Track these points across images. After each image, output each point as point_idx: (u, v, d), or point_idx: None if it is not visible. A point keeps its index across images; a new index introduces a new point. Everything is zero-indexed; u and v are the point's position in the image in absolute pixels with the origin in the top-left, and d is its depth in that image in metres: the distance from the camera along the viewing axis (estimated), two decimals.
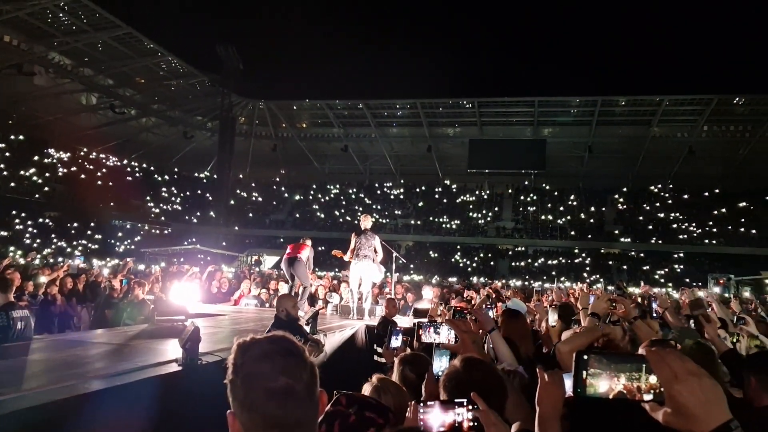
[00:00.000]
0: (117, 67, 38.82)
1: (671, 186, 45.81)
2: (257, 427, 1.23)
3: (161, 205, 43.78)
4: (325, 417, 1.40)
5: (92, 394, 3.34)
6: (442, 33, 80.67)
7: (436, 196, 49.21)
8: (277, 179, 53.60)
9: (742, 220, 39.65)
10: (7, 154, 34.75)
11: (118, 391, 3.48)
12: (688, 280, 32.49)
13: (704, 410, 1.03)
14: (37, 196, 34.20)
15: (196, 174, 51.90)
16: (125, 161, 45.84)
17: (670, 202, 44.21)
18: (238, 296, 11.92)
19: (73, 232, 33.99)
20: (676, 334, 4.18)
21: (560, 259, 40.17)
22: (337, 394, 1.90)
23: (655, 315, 4.37)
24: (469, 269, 39.05)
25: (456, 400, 1.86)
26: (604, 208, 44.88)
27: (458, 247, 42.89)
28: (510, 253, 42.51)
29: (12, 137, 36.59)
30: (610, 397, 1.13)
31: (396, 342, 4.36)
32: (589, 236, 41.34)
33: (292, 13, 69.81)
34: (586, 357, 1.16)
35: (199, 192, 48.12)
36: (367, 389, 2.61)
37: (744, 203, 41.17)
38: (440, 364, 2.81)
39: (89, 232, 34.89)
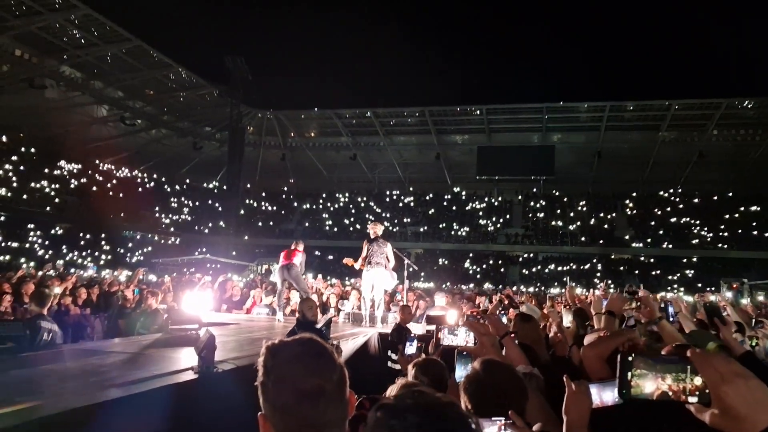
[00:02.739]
0: (127, 79, 39.14)
1: (682, 191, 45.54)
2: (289, 428, 1.24)
3: (171, 215, 44.00)
4: (349, 421, 1.40)
5: (111, 401, 3.36)
6: (449, 41, 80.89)
7: (445, 203, 49.13)
8: (286, 189, 53.76)
9: (754, 224, 39.31)
10: (21, 167, 35.05)
11: (136, 399, 3.50)
12: (700, 285, 32.19)
13: (752, 411, 1.02)
14: (48, 208, 34.43)
15: (206, 184, 52.19)
16: (135, 172, 46.16)
17: (681, 206, 43.92)
18: (250, 305, 11.95)
19: (84, 243, 34.19)
20: (694, 338, 4.13)
21: (571, 265, 39.95)
22: (360, 398, 1.90)
23: (671, 319, 4.33)
24: (480, 276, 38.92)
25: (493, 418, 1.85)
26: (614, 214, 44.65)
27: (468, 254, 42.77)
28: (520, 259, 42.36)
29: (23, 150, 36.94)
30: (655, 398, 1.12)
31: (411, 349, 4.36)
32: (600, 242, 41.14)
33: (299, 23, 70.28)
34: (630, 358, 1.15)
35: (208, 202, 48.35)
36: (393, 392, 2.60)
37: (756, 207, 40.83)
38: (464, 373, 2.79)
39: (100, 243, 35.09)
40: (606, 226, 43.52)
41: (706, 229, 40.27)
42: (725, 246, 38.29)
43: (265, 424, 1.28)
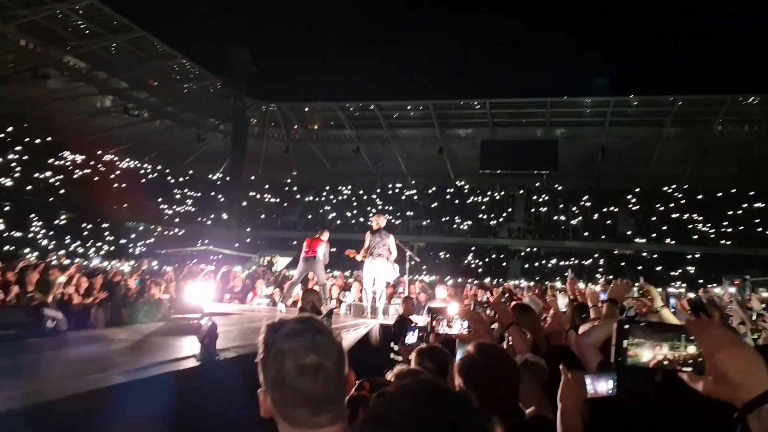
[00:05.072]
0: (131, 69, 39.09)
1: (685, 186, 45.40)
2: (289, 403, 1.26)
3: (174, 206, 44.07)
4: (349, 402, 1.43)
5: (115, 387, 3.39)
6: (453, 34, 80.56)
7: (448, 197, 49.13)
8: (289, 181, 53.80)
9: (758, 220, 39.22)
10: (25, 157, 35.11)
11: (140, 385, 3.53)
12: (702, 281, 32.20)
13: (747, 378, 1.05)
14: (51, 198, 34.51)
15: (209, 176, 52.26)
16: (139, 163, 46.21)
17: (684, 202, 43.83)
18: (251, 296, 12.00)
19: (87, 233, 34.29)
20: None
21: (573, 260, 39.92)
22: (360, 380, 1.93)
23: (673, 310, 4.37)
24: (481, 270, 38.93)
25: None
26: (617, 209, 44.58)
27: (470, 248, 42.77)
28: (522, 254, 42.36)
29: (27, 140, 36.98)
30: (651, 366, 1.14)
31: (412, 338, 4.41)
32: (602, 237, 41.11)
33: (304, 15, 70.03)
34: (627, 326, 1.16)
35: (211, 194, 48.41)
36: (391, 376, 2.64)
37: (759, 204, 40.73)
38: None
39: (103, 234, 35.19)
40: (609, 221, 43.47)
41: (709, 225, 40.19)
42: (728, 242, 38.23)
43: (265, 399, 1.31)
